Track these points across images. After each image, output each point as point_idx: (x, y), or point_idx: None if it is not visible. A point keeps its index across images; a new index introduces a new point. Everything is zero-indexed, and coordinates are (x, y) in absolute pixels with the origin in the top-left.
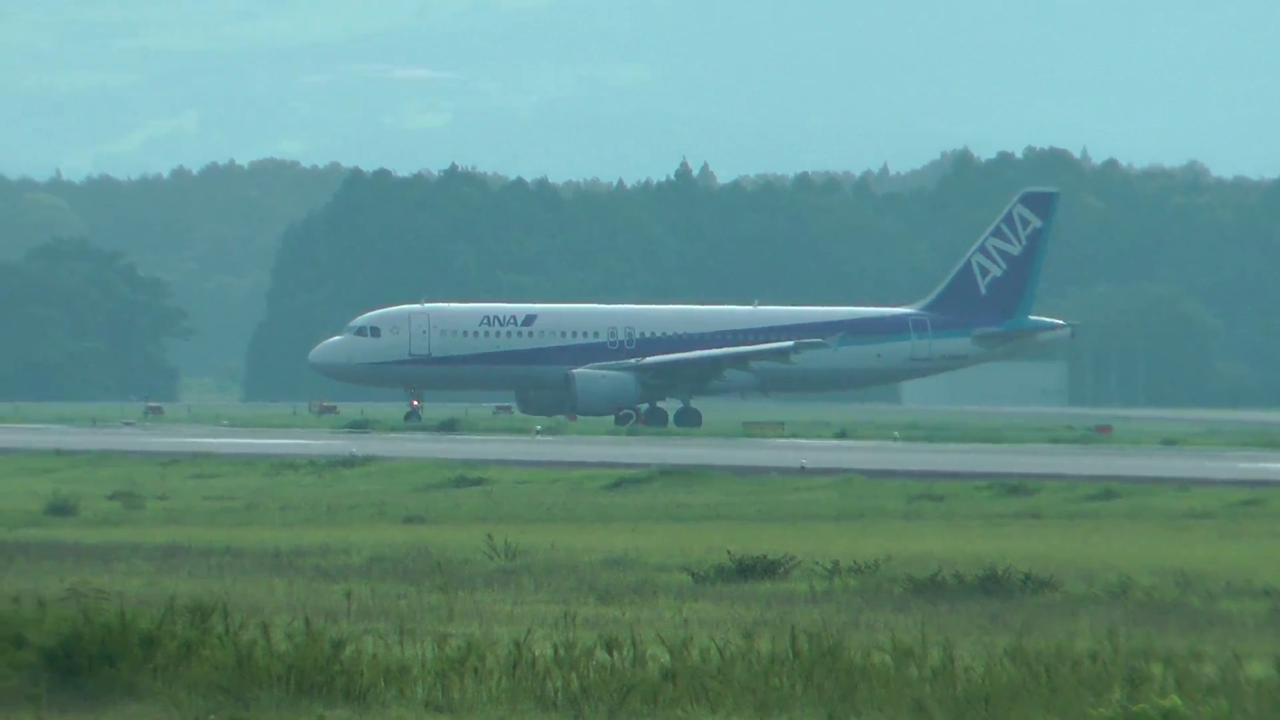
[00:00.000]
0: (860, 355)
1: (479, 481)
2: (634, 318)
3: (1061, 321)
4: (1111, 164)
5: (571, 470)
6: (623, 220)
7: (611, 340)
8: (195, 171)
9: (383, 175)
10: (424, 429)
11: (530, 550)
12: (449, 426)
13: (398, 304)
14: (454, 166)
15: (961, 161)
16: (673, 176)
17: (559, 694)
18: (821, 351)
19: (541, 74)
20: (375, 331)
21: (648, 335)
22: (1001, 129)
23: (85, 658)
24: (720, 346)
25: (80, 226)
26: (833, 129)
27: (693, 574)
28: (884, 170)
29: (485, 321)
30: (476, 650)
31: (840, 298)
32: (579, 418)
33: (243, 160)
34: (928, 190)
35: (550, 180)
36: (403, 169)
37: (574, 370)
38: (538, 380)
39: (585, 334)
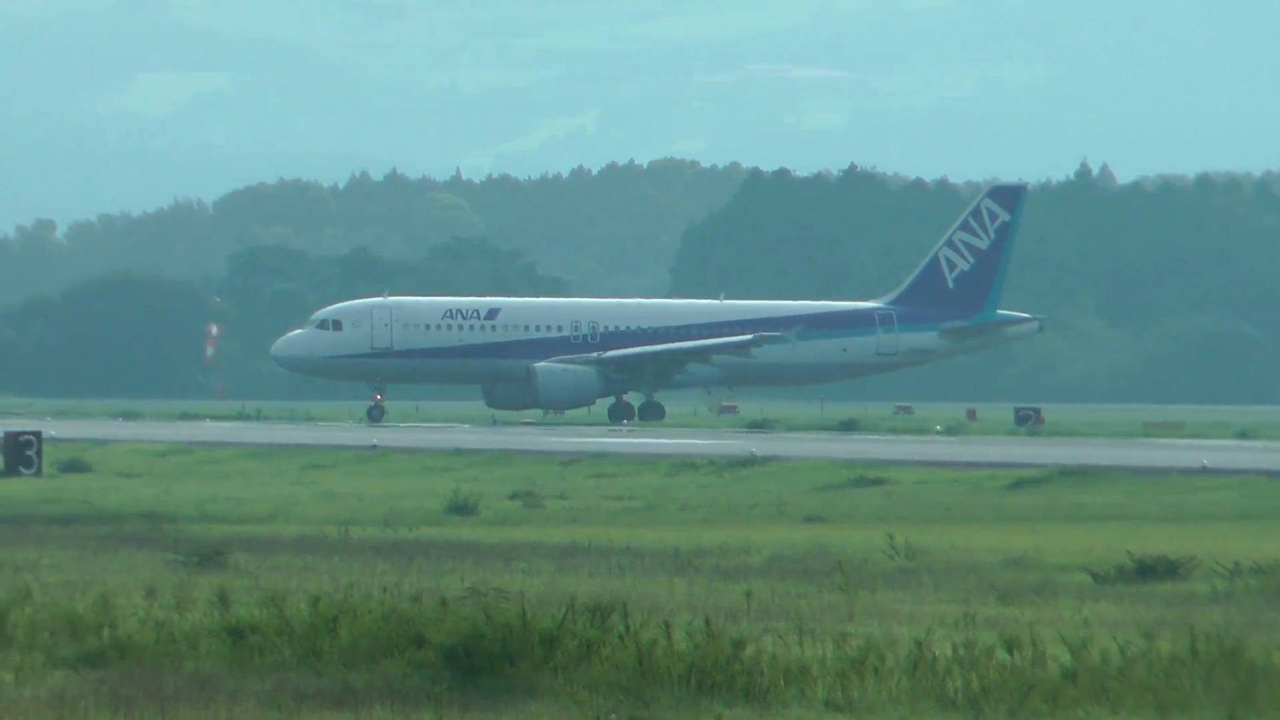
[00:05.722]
0: (826, 349)
1: (879, 481)
2: (597, 311)
3: (1029, 315)
4: None
5: (971, 470)
6: (1022, 220)
7: (575, 334)
8: (594, 171)
9: (782, 175)
10: (823, 428)
11: (930, 550)
12: (849, 426)
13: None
14: (853, 166)
15: None
16: (1072, 176)
17: (959, 694)
18: (785, 345)
19: (940, 73)
20: (337, 325)
21: (610, 329)
22: None
23: (485, 657)
24: (683, 340)
25: (480, 226)
26: (1234, 127)
27: (1093, 574)
28: None
29: (448, 315)
30: (876, 650)
31: (1239, 299)
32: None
33: (642, 160)
34: None
35: (950, 180)
36: (802, 169)
37: (535, 364)
38: (501, 374)
39: (548, 327)
